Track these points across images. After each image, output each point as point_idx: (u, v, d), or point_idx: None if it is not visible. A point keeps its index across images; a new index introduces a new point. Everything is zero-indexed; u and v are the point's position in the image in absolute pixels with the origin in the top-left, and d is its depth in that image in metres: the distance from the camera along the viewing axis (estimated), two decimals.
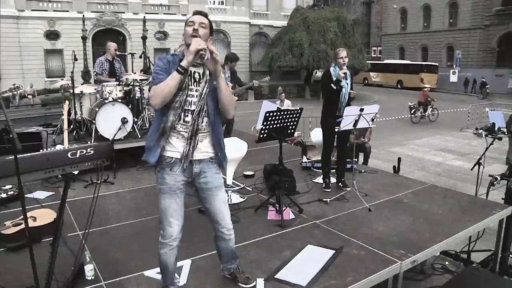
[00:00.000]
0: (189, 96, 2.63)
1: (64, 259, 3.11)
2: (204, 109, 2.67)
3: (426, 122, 18.58)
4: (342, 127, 4.55)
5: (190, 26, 2.59)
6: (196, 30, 2.56)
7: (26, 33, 26.61)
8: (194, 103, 2.64)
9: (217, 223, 2.82)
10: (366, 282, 3.00)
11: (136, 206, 4.58)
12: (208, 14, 2.74)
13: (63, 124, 5.99)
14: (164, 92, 2.50)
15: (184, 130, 2.64)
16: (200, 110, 2.65)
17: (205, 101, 2.67)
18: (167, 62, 2.61)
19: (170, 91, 2.51)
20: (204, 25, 2.62)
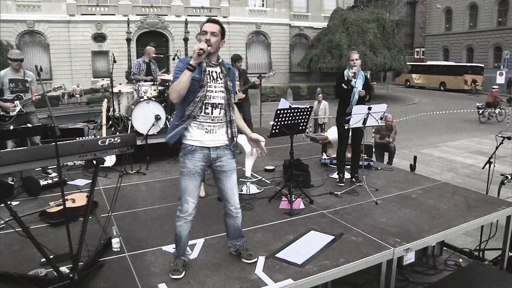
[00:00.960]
0: (208, 92, 3.07)
1: (96, 234, 3.63)
2: (222, 102, 3.12)
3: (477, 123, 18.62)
4: (351, 124, 4.87)
5: (203, 35, 3.03)
6: (209, 40, 2.99)
7: (76, 36, 28.13)
8: (213, 97, 3.09)
9: (227, 201, 3.27)
10: (356, 264, 3.33)
11: (163, 194, 5.08)
12: (219, 21, 3.17)
13: (102, 120, 6.61)
14: (178, 87, 2.98)
15: (205, 121, 3.10)
16: (218, 104, 3.11)
17: (223, 95, 3.13)
18: (186, 63, 3.04)
19: (182, 86, 2.97)
20: (216, 33, 3.05)
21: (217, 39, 3.06)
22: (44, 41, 28.06)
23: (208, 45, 2.96)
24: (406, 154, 12.47)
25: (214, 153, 3.16)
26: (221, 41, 3.12)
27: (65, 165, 6.24)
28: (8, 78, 5.73)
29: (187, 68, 2.94)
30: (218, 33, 3.07)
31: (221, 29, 3.11)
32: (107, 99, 6.96)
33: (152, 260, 3.42)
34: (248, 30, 32.84)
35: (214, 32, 3.05)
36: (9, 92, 5.73)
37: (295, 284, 3.04)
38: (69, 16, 27.89)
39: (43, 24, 27.64)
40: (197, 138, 3.11)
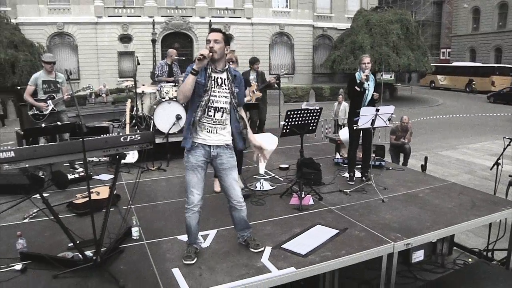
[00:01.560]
0: (212, 96, 3.37)
1: (117, 224, 3.96)
2: (224, 107, 3.41)
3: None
4: (359, 125, 5.08)
5: (207, 44, 3.32)
6: (212, 47, 3.28)
7: (103, 37, 28.97)
8: (216, 101, 3.38)
9: (230, 196, 3.56)
10: (356, 256, 3.57)
11: (181, 189, 5.38)
12: (222, 29, 3.47)
13: (126, 119, 6.99)
14: (183, 90, 3.31)
15: (207, 122, 3.40)
16: (220, 108, 3.40)
17: (225, 100, 3.42)
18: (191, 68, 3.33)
19: (187, 89, 3.29)
20: (218, 40, 3.34)
21: (221, 45, 3.34)
22: (73, 42, 29.00)
23: (210, 52, 3.25)
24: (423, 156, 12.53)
25: (215, 151, 3.45)
26: (226, 48, 3.40)
27: (91, 161, 6.66)
28: (41, 79, 6.18)
29: (191, 72, 3.24)
30: (221, 40, 3.35)
31: (224, 37, 3.40)
32: (130, 99, 7.35)
33: (168, 248, 3.73)
34: (272, 31, 33.06)
35: (217, 39, 3.33)
36: (42, 92, 6.17)
37: (297, 272, 3.31)
38: (96, 18, 28.75)
39: (72, 26, 28.57)
40: (199, 137, 3.42)
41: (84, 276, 3.24)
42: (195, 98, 3.35)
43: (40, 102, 6.15)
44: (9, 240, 3.81)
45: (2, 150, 2.96)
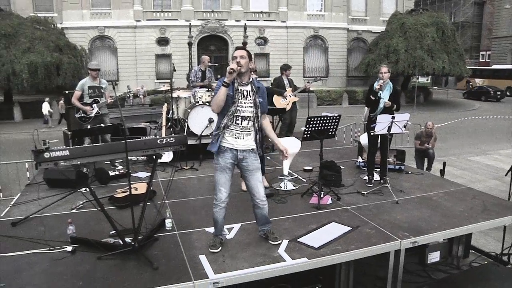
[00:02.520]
0: (239, 106, 3.83)
1: (153, 216, 4.48)
2: (249, 116, 3.87)
3: None
4: (376, 131, 5.42)
5: (234, 59, 3.78)
6: (239, 62, 3.74)
7: (141, 40, 30.02)
8: (243, 111, 3.84)
9: (253, 195, 4.00)
10: (364, 251, 3.95)
11: (210, 187, 5.83)
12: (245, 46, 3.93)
13: (162, 122, 7.55)
14: (217, 100, 3.79)
15: (235, 129, 3.87)
16: (246, 117, 3.87)
17: (250, 110, 3.87)
18: (222, 81, 3.80)
19: (220, 99, 3.76)
20: (244, 56, 3.82)
21: (246, 60, 3.82)
22: (113, 45, 30.20)
23: (238, 66, 3.70)
24: (452, 161, 12.60)
25: (241, 154, 3.92)
26: (250, 62, 3.88)
27: (130, 160, 7.24)
28: (87, 85, 6.83)
29: (222, 84, 3.72)
30: (245, 56, 3.83)
31: (248, 53, 3.89)
32: (167, 103, 7.92)
33: (196, 238, 4.22)
34: (306, 34, 33.26)
35: (242, 55, 3.82)
36: (88, 97, 6.82)
37: (309, 262, 3.73)
38: (135, 22, 29.84)
39: (112, 29, 29.78)
40: (228, 142, 3.88)
41: (123, 259, 3.77)
42: (224, 108, 3.83)
43: (86, 106, 6.80)
44: (61, 227, 4.41)
45: (60, 149, 3.52)
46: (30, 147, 3.68)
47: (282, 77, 8.45)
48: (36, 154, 3.38)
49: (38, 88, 24.26)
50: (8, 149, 15.08)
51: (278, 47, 32.42)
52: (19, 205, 5.41)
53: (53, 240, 4.17)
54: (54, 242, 4.10)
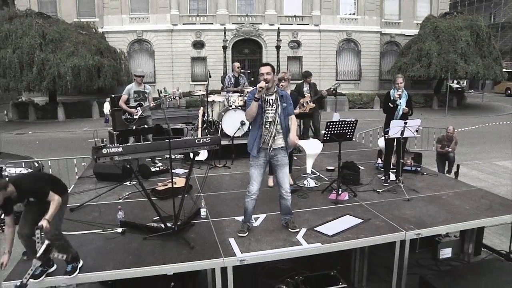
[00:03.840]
0: (267, 113, 4.52)
1: (190, 206, 5.19)
2: (276, 120, 4.52)
3: None
4: (390, 135, 5.96)
5: (261, 76, 4.45)
6: (266, 79, 4.40)
7: (177, 44, 31.08)
8: (270, 117, 4.50)
9: (280, 186, 4.68)
10: (373, 239, 4.52)
11: (241, 183, 6.53)
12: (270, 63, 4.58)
13: (198, 123, 8.29)
14: (250, 113, 4.51)
15: (265, 133, 4.55)
16: (273, 121, 4.51)
17: (276, 115, 4.51)
18: (253, 95, 4.51)
19: (253, 111, 4.48)
20: (269, 72, 4.47)
21: (271, 76, 4.48)
22: (150, 48, 31.39)
23: (266, 83, 4.37)
24: (478, 165, 12.84)
25: (272, 152, 4.59)
26: (274, 75, 4.53)
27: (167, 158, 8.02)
28: (133, 90, 7.65)
29: (254, 99, 4.40)
30: (271, 72, 4.49)
31: (272, 68, 4.54)
32: (202, 106, 8.66)
33: (227, 225, 4.91)
34: (339, 38, 33.47)
35: (268, 72, 4.48)
36: (133, 101, 7.64)
37: (322, 247, 4.37)
38: (172, 26, 30.92)
39: (150, 33, 30.97)
40: (262, 143, 4.56)
41: (165, 240, 4.50)
42: (256, 116, 4.52)
43: (132, 108, 7.61)
44: (111, 213, 5.19)
45: (114, 146, 4.26)
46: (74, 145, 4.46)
47: (303, 84, 9.06)
48: (96, 150, 4.14)
49: (80, 90, 25.61)
50: (54, 147, 16.26)
51: (311, 51, 32.83)
52: (73, 194, 6.22)
53: (106, 223, 4.94)
54: (106, 225, 4.87)
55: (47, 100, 27.37)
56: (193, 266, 4.07)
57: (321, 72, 31.74)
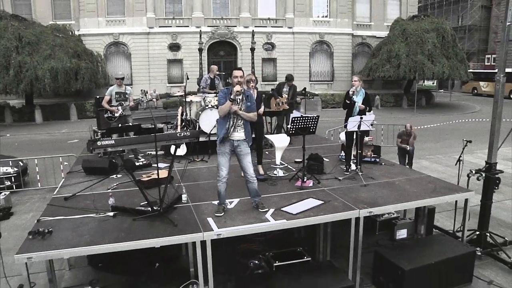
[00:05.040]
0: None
1: (173, 193, 5.86)
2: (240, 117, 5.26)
3: None
4: (348, 129, 6.77)
5: (235, 78, 5.18)
6: (239, 82, 5.14)
7: (154, 46, 31.57)
8: None
9: (246, 172, 5.45)
10: (330, 216, 5.31)
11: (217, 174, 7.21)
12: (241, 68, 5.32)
13: (177, 122, 8.95)
14: (224, 110, 5.26)
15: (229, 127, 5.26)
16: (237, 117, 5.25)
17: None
18: (225, 94, 5.21)
19: (226, 110, 5.22)
20: (242, 76, 5.25)
21: (243, 79, 5.24)
22: (127, 50, 31.77)
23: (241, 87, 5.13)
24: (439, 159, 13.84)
25: (236, 143, 5.36)
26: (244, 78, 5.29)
27: (149, 154, 8.68)
28: (115, 91, 8.27)
29: (229, 99, 5.16)
30: (243, 75, 5.24)
31: (243, 72, 5.31)
32: (181, 106, 9.32)
33: (206, 208, 5.63)
34: (312, 40, 34.48)
35: (241, 75, 5.25)
36: (115, 101, 8.26)
37: (287, 223, 5.14)
38: (148, 29, 31.39)
39: (126, 36, 31.36)
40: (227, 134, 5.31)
41: (152, 220, 5.18)
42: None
43: (113, 107, 8.22)
44: (102, 201, 5.82)
45: (107, 139, 4.91)
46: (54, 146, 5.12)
47: (284, 85, 9.84)
48: (92, 142, 4.79)
49: (58, 92, 25.79)
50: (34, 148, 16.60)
51: (285, 52, 33.74)
52: (65, 186, 6.82)
53: (98, 209, 5.57)
54: (99, 210, 5.51)
55: (24, 103, 27.39)
56: (177, 239, 4.77)
57: (294, 73, 32.02)
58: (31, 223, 7.86)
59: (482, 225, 6.80)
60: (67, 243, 4.67)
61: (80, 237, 4.78)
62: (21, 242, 4.74)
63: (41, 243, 4.67)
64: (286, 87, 9.92)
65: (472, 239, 6.92)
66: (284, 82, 9.98)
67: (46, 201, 9.75)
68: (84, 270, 6.48)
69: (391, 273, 5.45)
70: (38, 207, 9.63)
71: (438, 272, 5.46)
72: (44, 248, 4.54)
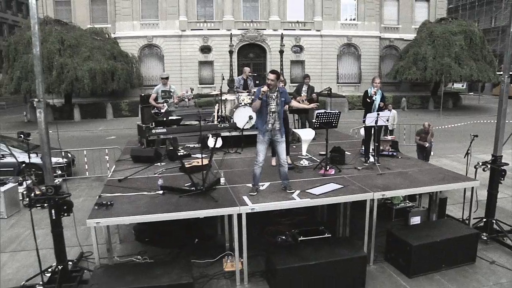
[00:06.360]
0: (270, 106, 6.18)
1: (212, 178, 6.81)
2: (277, 110, 6.18)
3: None
4: (367, 124, 7.59)
5: (267, 80, 6.11)
6: (268, 84, 6.08)
7: (186, 48, 32.89)
8: (273, 108, 6.20)
9: (279, 156, 6.39)
10: (348, 197, 6.18)
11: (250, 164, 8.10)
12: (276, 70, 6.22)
13: (214, 118, 9.93)
14: (255, 107, 6.21)
15: (269, 119, 6.19)
16: (275, 111, 6.18)
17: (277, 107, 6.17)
18: (259, 93, 6.15)
19: (257, 106, 6.17)
20: (273, 79, 6.13)
21: (274, 82, 6.14)
22: (160, 52, 33.19)
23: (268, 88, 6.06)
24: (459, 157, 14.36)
25: (273, 132, 6.26)
26: (278, 80, 6.19)
27: (188, 147, 9.70)
28: (160, 90, 9.30)
29: (259, 98, 6.09)
30: (274, 79, 6.13)
31: (277, 75, 6.20)
32: (217, 104, 10.33)
33: (241, 189, 6.57)
34: (340, 43, 35.10)
35: (272, 79, 6.13)
36: (160, 98, 9.28)
37: (311, 201, 6.04)
38: (181, 31, 32.72)
39: (159, 38, 32.78)
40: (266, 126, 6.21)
41: (196, 197, 6.15)
42: (263, 108, 6.20)
43: (159, 104, 9.26)
44: (151, 183, 6.84)
45: (160, 128, 5.91)
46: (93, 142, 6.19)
47: (303, 85, 10.71)
48: (149, 129, 5.79)
49: (95, 92, 27.29)
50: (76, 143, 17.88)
51: (313, 55, 34.52)
52: (117, 171, 7.87)
53: (149, 189, 6.57)
54: (150, 190, 6.51)
55: (63, 102, 29.01)
56: (218, 212, 5.76)
57: (322, 75, 33.41)
58: (82, 206, 9.05)
59: (488, 213, 7.50)
60: (126, 212, 5.68)
61: (137, 209, 5.78)
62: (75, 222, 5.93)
63: (105, 212, 5.70)
64: (304, 87, 10.76)
65: (480, 226, 7.61)
66: (302, 83, 10.85)
67: (93, 188, 11.05)
68: (132, 244, 7.50)
69: (401, 249, 6.26)
70: (87, 193, 10.83)
71: (443, 250, 6.22)
72: (108, 216, 5.57)
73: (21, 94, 29.25)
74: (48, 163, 5.85)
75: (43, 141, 5.81)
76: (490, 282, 6.06)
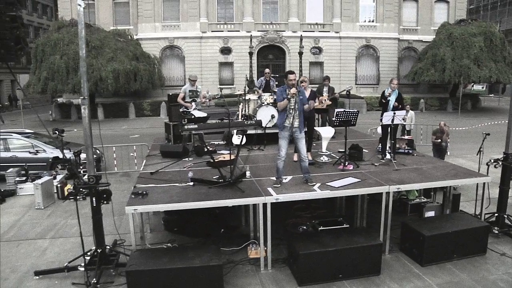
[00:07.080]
0: (291, 104, 6.63)
1: (239, 171, 7.32)
2: (296, 108, 6.66)
3: None
4: (383, 122, 8.02)
5: (290, 81, 6.59)
6: (294, 84, 6.53)
7: (206, 50, 33.55)
8: (292, 106, 6.64)
9: (299, 152, 6.90)
10: (365, 190, 6.64)
11: (272, 159, 8.63)
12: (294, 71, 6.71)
13: (239, 116, 10.47)
14: (282, 106, 6.69)
15: (290, 116, 6.65)
16: (295, 109, 6.66)
17: (296, 105, 6.65)
18: (283, 90, 6.62)
19: (284, 106, 6.64)
20: (295, 78, 6.60)
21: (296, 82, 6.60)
22: (181, 54, 33.94)
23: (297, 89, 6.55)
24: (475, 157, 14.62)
25: (294, 129, 6.75)
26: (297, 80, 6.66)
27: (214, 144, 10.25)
28: (188, 90, 9.87)
29: (287, 98, 6.59)
30: (295, 78, 6.61)
31: (295, 76, 6.68)
32: (241, 103, 10.88)
33: (266, 181, 7.07)
34: (358, 44, 35.32)
35: (296, 79, 6.62)
36: (188, 98, 9.85)
37: (330, 193, 6.52)
38: (201, 33, 33.40)
39: (180, 40, 33.52)
40: (287, 122, 6.71)
41: (224, 188, 6.68)
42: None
43: (188, 103, 9.83)
44: (181, 176, 7.39)
45: (191, 124, 6.45)
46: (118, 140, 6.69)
47: (324, 86, 11.18)
48: (182, 125, 6.34)
49: (118, 92, 28.12)
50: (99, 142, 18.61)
51: (332, 56, 34.83)
52: (148, 165, 8.45)
53: (179, 181, 7.12)
54: (180, 182, 7.06)
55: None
56: (245, 201, 6.30)
57: (341, 77, 33.66)
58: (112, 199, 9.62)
59: (500, 208, 7.86)
60: (161, 200, 6.24)
61: (170, 198, 6.34)
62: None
63: (141, 200, 6.27)
64: (325, 88, 11.24)
65: (491, 221, 7.96)
66: (322, 85, 11.33)
67: (122, 183, 11.68)
68: (162, 233, 8.06)
69: (414, 239, 6.68)
70: (116, 187, 11.42)
71: (455, 240, 6.62)
72: (145, 203, 6.14)
73: (47, 93, 30.22)
74: (91, 155, 6.43)
75: (86, 135, 6.39)
76: (500, 271, 6.43)
